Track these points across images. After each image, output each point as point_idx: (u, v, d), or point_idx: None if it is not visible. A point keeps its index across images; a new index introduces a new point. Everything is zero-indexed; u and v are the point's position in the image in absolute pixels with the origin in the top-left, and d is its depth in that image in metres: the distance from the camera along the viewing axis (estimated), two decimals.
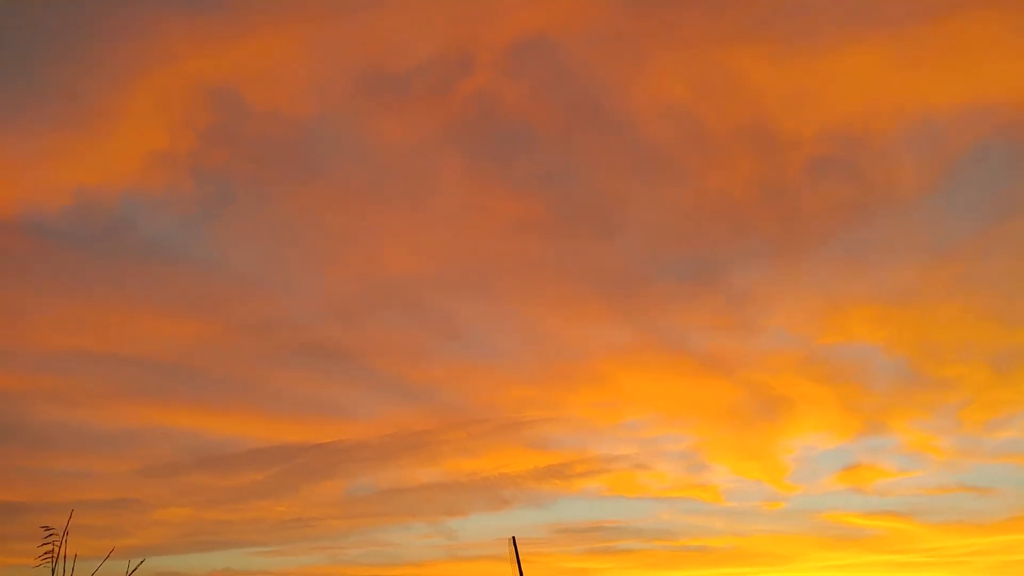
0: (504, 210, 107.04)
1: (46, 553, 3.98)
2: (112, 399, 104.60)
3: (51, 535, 4.06)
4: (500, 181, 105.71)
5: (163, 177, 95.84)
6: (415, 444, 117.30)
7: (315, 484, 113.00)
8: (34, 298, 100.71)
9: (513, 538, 54.97)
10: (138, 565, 4.27)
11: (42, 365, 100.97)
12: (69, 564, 3.93)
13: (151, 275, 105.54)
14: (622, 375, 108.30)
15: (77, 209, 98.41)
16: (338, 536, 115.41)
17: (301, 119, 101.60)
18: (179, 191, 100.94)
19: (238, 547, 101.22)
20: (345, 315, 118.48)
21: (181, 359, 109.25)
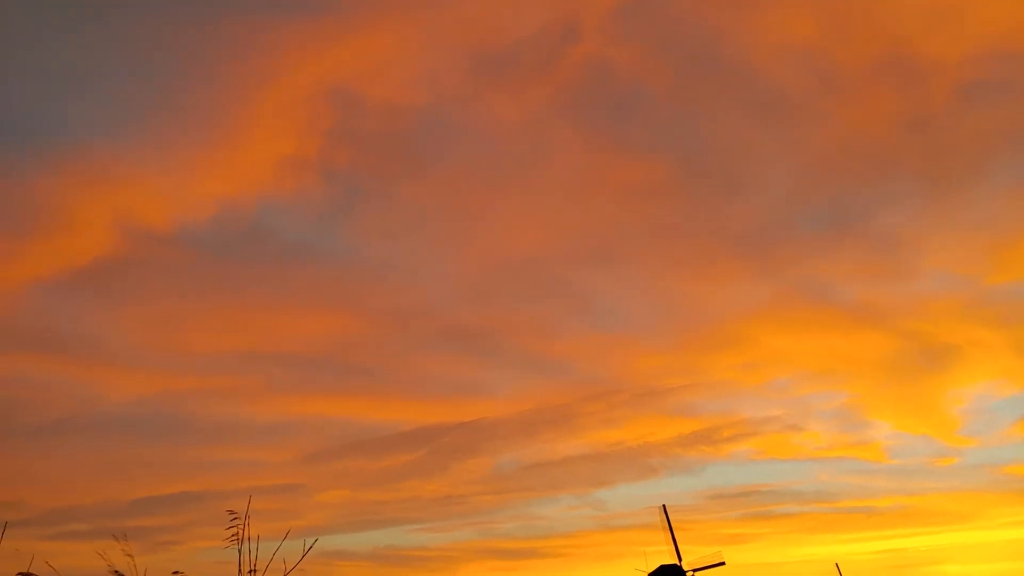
0: (625, 176, 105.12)
1: (233, 535, 4.21)
2: (272, 394, 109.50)
3: (235, 519, 4.27)
4: (618, 147, 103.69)
5: (294, 181, 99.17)
6: (556, 418, 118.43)
7: (462, 462, 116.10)
8: (194, 306, 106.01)
9: (664, 506, 54.71)
10: (312, 544, 4.40)
11: (209, 367, 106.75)
12: (253, 545, 4.14)
13: (293, 275, 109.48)
14: (764, 334, 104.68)
15: (220, 219, 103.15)
16: (488, 511, 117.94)
17: (416, 108, 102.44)
18: (310, 192, 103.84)
19: (397, 525, 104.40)
20: (478, 297, 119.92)
21: (329, 352, 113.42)
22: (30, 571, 4.25)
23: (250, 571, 4.77)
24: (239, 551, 4.72)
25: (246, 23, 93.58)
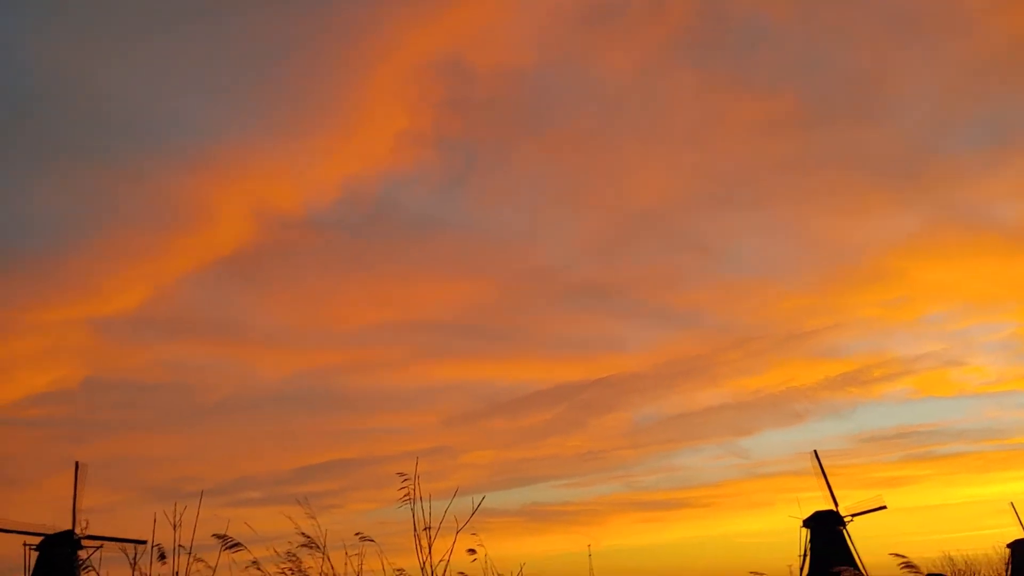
0: (748, 113, 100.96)
1: (405, 496, 4.33)
2: (412, 361, 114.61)
3: (406, 480, 4.38)
4: (739, 84, 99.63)
5: (412, 154, 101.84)
6: (692, 369, 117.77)
7: (601, 417, 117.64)
8: (332, 283, 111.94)
9: (815, 451, 52.89)
10: (481, 501, 4.47)
11: (352, 341, 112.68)
12: (425, 504, 4.28)
13: (422, 246, 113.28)
14: (914, 266, 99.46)
15: (346, 199, 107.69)
16: (631, 464, 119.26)
17: (525, 70, 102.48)
18: (428, 165, 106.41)
19: (541, 482, 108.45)
20: (603, 252, 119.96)
21: (464, 318, 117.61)
22: (225, 533, 4.51)
23: (425, 528, 4.84)
24: (412, 510, 4.82)
25: (351, 6, 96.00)
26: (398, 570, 4.72)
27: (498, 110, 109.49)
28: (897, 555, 8.84)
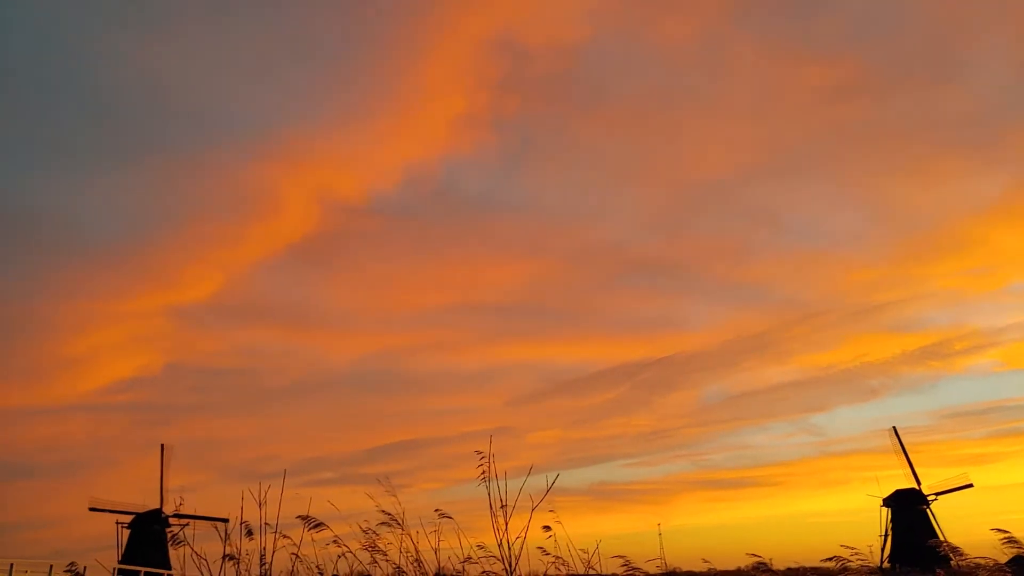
0: (813, 79, 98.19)
1: (483, 473, 4.38)
2: (475, 343, 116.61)
3: (483, 458, 4.42)
4: (802, 48, 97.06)
5: (470, 137, 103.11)
6: (758, 345, 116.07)
7: (665, 396, 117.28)
8: (395, 267, 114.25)
9: (894, 428, 51.78)
10: (555, 480, 4.48)
11: (416, 323, 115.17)
12: (501, 483, 4.33)
13: (483, 227, 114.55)
14: (996, 233, 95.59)
15: (407, 183, 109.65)
16: (698, 443, 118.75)
17: (580, 45, 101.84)
18: (486, 146, 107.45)
19: (607, 461, 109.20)
20: (664, 227, 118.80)
21: (525, 298, 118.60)
22: (308, 514, 4.61)
23: (501, 506, 4.86)
24: (488, 488, 4.84)
25: None
26: (479, 545, 4.76)
27: (554, 87, 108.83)
28: (999, 530, 8.53)
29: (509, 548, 4.86)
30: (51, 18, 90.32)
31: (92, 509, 50.99)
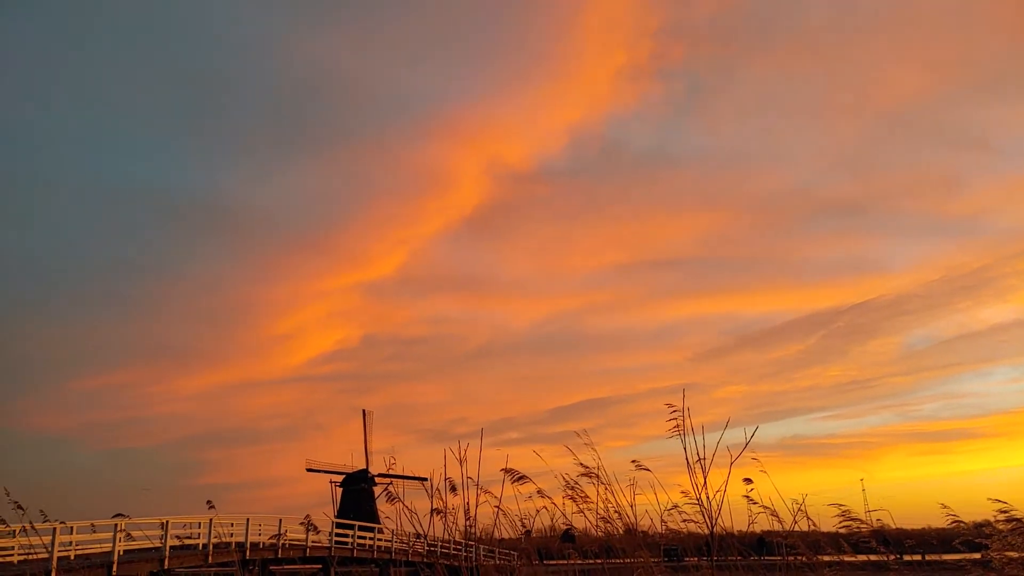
0: None
1: (675, 427, 4.34)
2: (655, 299, 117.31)
3: (675, 411, 4.39)
4: None
5: (634, 89, 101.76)
6: (971, 284, 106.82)
7: (863, 344, 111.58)
8: (568, 231, 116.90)
9: None
10: (753, 432, 4.35)
11: (593, 283, 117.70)
12: (697, 436, 4.27)
13: (653, 182, 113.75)
14: None
15: (573, 145, 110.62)
16: (903, 393, 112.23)
17: None
18: (651, 98, 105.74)
19: (799, 415, 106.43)
20: (854, 163, 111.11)
21: (703, 251, 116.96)
22: (508, 466, 4.79)
23: (697, 460, 4.77)
24: (683, 442, 4.76)
25: None
26: (683, 491, 4.73)
27: (719, 28, 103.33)
28: None
29: (709, 501, 4.76)
30: (235, 21, 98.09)
31: (309, 470, 56.07)
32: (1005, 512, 4.36)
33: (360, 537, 37.41)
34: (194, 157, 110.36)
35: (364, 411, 58.47)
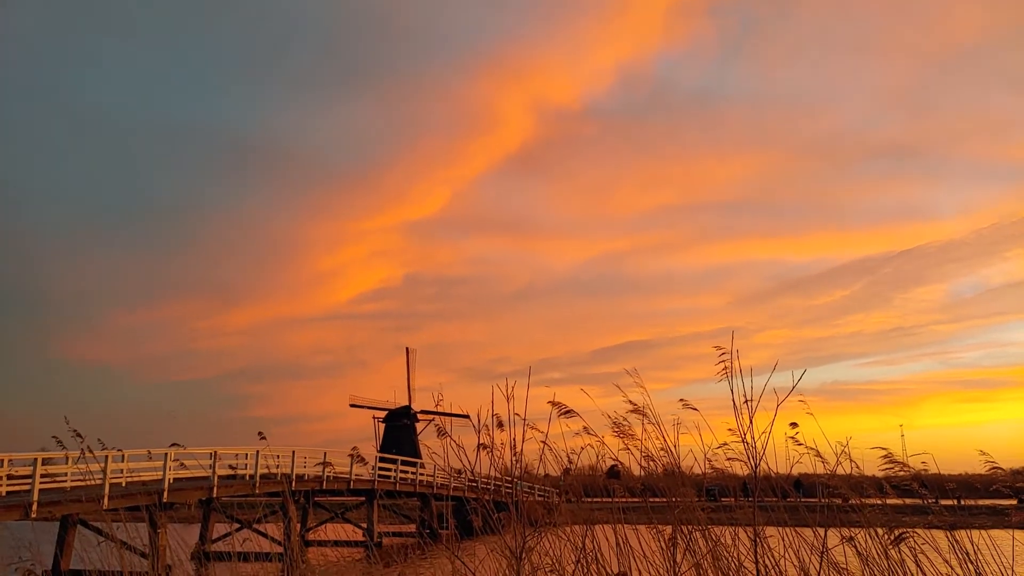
0: None
1: (724, 369, 4.37)
2: (700, 242, 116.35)
3: (724, 354, 4.41)
4: None
5: (685, 28, 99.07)
6: (1021, 232, 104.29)
7: (908, 291, 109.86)
8: (614, 171, 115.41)
9: None
10: (801, 375, 4.37)
11: (638, 225, 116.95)
12: (745, 379, 4.30)
13: (702, 123, 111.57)
14: None
15: (622, 84, 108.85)
16: (947, 340, 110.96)
17: None
18: (702, 36, 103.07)
19: (840, 360, 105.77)
20: (908, 105, 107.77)
21: (751, 194, 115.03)
22: (555, 400, 4.88)
23: (745, 401, 4.80)
24: (730, 385, 4.79)
25: None
26: (730, 429, 4.77)
27: None
28: None
29: (754, 443, 4.81)
30: None
31: (352, 405, 57.51)
32: None
33: (403, 471, 38.51)
34: (244, 96, 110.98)
35: (407, 349, 59.51)
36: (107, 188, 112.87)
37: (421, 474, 39.89)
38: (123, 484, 22.97)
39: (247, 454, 28.58)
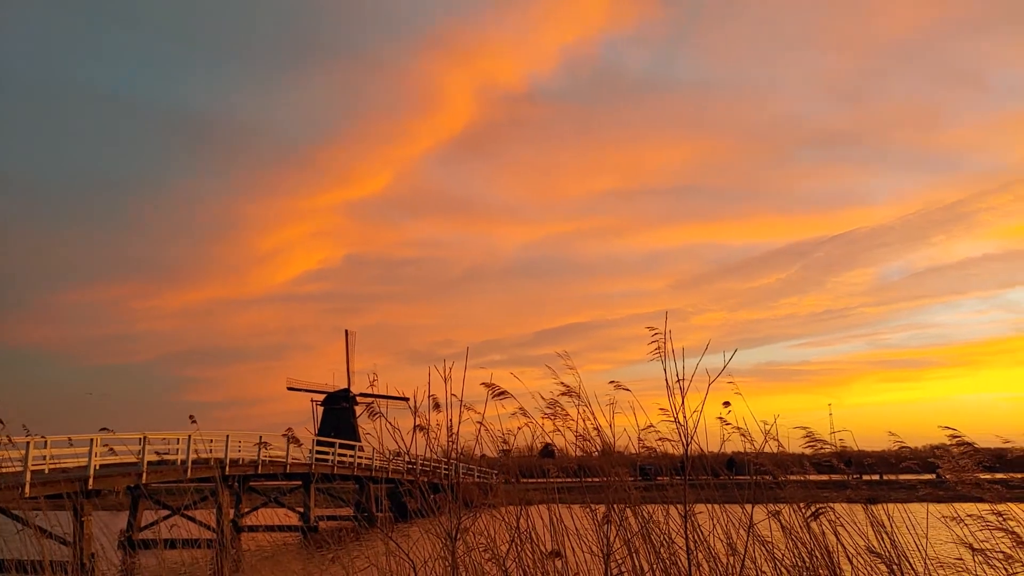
0: None
1: (656, 349, 4.42)
2: (642, 227, 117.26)
3: (657, 334, 4.44)
4: None
5: (632, 12, 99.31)
6: (947, 218, 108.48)
7: (840, 275, 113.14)
8: (559, 154, 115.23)
9: None
10: (732, 355, 4.44)
11: (582, 209, 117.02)
12: (678, 360, 4.35)
13: (646, 108, 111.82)
14: None
15: (567, 67, 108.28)
16: (875, 323, 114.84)
17: None
18: (650, 20, 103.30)
19: (775, 342, 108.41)
20: (844, 93, 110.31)
21: (692, 179, 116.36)
22: (490, 381, 4.88)
23: (677, 380, 4.88)
24: (663, 365, 4.85)
25: None
26: (661, 409, 4.84)
27: None
28: None
29: (685, 421, 4.90)
30: None
31: (290, 388, 56.62)
32: (956, 438, 4.61)
33: (340, 455, 38.18)
34: (179, 70, 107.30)
35: (347, 331, 58.82)
36: (39, 162, 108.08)
37: (359, 457, 39.61)
38: (45, 471, 22.15)
39: (179, 439, 27.89)
